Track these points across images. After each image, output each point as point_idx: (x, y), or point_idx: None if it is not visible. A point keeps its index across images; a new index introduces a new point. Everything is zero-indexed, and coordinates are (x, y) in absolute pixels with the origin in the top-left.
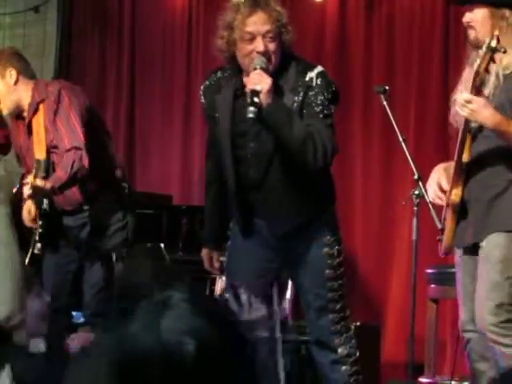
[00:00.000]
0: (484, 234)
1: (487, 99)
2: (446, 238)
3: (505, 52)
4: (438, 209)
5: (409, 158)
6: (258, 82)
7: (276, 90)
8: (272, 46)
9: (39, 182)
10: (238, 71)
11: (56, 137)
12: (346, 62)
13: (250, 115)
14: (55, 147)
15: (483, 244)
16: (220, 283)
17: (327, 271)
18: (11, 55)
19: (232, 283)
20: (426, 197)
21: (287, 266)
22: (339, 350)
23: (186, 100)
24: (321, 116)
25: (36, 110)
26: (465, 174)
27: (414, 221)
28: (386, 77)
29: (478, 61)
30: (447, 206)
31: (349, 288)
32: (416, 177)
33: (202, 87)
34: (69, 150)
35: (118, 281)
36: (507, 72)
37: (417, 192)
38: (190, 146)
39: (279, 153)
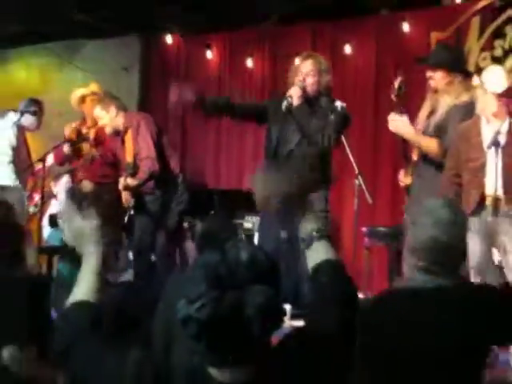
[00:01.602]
0: None
1: (437, 123)
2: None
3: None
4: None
5: (353, 162)
6: (293, 91)
7: (310, 106)
8: (311, 80)
9: (129, 181)
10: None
11: (138, 149)
12: None
13: (283, 107)
14: (137, 155)
15: None
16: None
17: None
18: (110, 96)
19: None
20: (362, 185)
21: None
22: None
23: (217, 123)
24: (334, 125)
25: (126, 132)
26: (412, 168)
27: (355, 199)
28: None
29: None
30: None
31: None
32: (357, 172)
33: (275, 96)
34: (146, 158)
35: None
36: (449, 108)
37: (357, 182)
38: (219, 152)
39: (303, 139)
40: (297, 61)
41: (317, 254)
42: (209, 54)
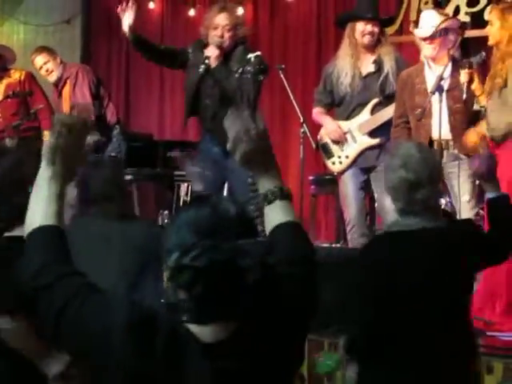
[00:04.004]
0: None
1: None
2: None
3: None
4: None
5: (297, 109)
6: (210, 52)
7: (227, 60)
8: (227, 35)
9: None
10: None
11: (75, 99)
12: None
13: (201, 70)
14: (75, 106)
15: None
16: (183, 188)
17: (249, 179)
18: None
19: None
20: (307, 131)
21: (227, 176)
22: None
23: (161, 70)
24: (251, 79)
25: (64, 84)
26: None
27: (301, 147)
28: (282, 60)
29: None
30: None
31: None
32: (302, 120)
33: (191, 44)
34: None
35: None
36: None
37: (302, 130)
38: (164, 101)
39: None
40: (211, 9)
41: (276, 213)
42: (151, 5)
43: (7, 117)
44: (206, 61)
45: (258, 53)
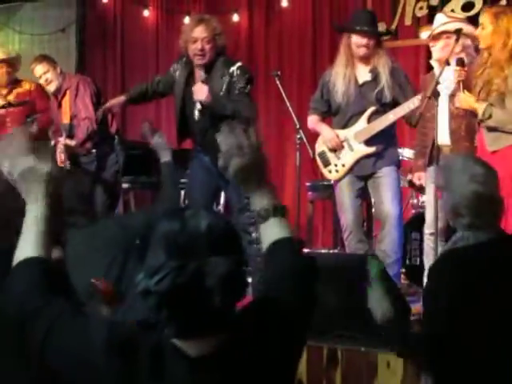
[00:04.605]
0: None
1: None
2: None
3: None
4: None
5: (293, 116)
6: (199, 93)
7: (209, 76)
8: (207, 46)
9: (68, 142)
10: (190, 61)
11: (75, 110)
12: (254, 58)
13: (196, 117)
14: (75, 116)
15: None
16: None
17: None
18: (49, 59)
19: None
20: (303, 138)
21: (221, 185)
22: (252, 235)
23: None
24: (240, 94)
25: (64, 95)
26: None
27: (297, 153)
28: (277, 66)
29: None
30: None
31: None
32: (298, 127)
33: (177, 60)
34: (83, 119)
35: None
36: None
37: (298, 136)
38: (160, 112)
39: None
40: (188, 23)
41: (271, 230)
42: (145, 13)
43: (16, 126)
44: (198, 104)
45: (239, 63)
